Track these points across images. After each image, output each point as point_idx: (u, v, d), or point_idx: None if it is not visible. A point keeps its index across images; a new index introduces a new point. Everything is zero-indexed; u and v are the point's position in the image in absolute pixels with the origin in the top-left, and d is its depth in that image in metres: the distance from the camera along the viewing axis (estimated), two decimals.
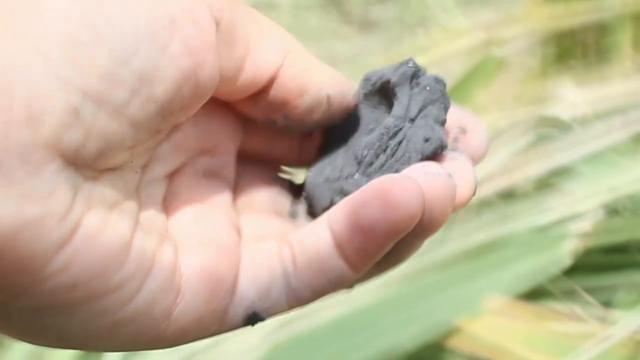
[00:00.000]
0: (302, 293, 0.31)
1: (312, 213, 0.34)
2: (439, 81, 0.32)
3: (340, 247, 0.30)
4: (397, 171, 0.31)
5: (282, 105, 0.31)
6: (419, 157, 0.31)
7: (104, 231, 0.26)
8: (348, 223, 0.29)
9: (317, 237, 0.30)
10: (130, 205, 0.28)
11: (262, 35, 0.29)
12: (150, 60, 0.25)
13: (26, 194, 0.24)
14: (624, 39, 0.84)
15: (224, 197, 0.32)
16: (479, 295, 0.70)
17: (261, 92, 0.30)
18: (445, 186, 0.29)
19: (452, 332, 0.68)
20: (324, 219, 0.31)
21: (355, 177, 0.32)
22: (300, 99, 0.31)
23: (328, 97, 0.31)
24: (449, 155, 0.32)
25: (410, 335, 0.68)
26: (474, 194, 0.31)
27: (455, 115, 0.33)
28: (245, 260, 0.31)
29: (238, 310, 0.30)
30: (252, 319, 0.31)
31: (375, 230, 0.28)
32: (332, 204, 0.32)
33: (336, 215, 0.30)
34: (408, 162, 0.31)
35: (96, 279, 0.26)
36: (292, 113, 0.31)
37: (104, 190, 0.26)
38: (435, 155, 0.32)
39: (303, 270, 0.31)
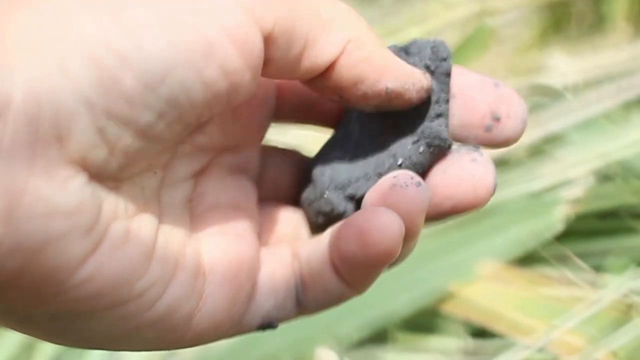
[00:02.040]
0: (309, 306, 0.32)
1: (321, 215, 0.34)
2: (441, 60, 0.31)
3: (337, 269, 0.31)
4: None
5: (337, 90, 0.29)
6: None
7: (127, 241, 0.26)
8: (336, 251, 0.30)
9: (319, 257, 0.31)
10: (152, 211, 0.28)
11: (323, 29, 0.28)
12: (181, 86, 0.25)
13: (53, 210, 0.24)
14: (616, 9, 0.85)
15: (249, 196, 0.33)
16: (472, 261, 0.70)
17: (318, 77, 0.29)
18: (413, 199, 0.29)
19: (446, 297, 0.69)
20: (326, 236, 0.31)
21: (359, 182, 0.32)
22: (354, 88, 0.29)
23: (387, 89, 0.30)
24: (470, 155, 0.31)
25: (406, 301, 0.69)
26: (493, 193, 0.31)
27: (489, 97, 0.32)
28: (264, 271, 0.31)
29: (254, 317, 0.31)
30: (266, 326, 0.32)
31: (357, 264, 0.29)
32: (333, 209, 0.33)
33: (331, 239, 0.31)
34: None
35: (119, 287, 0.26)
36: (347, 97, 0.30)
37: (126, 200, 0.27)
38: (437, 153, 0.31)
39: (309, 287, 0.31)
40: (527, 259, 0.71)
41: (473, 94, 0.32)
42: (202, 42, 0.25)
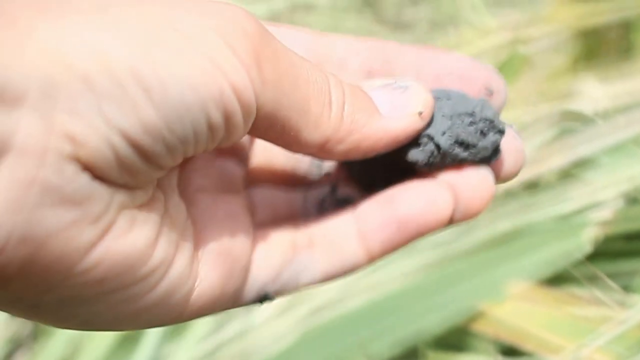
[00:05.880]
0: (314, 277, 0.33)
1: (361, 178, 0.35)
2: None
3: (364, 237, 0.32)
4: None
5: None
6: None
7: (133, 230, 0.26)
8: (382, 214, 0.32)
9: (341, 228, 0.32)
10: (159, 196, 0.29)
11: (307, 124, 0.29)
12: (192, 127, 0.26)
13: (62, 200, 0.24)
14: None
15: (237, 175, 0.34)
16: (503, 281, 0.72)
17: None
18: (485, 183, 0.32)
19: (476, 316, 0.70)
20: (348, 213, 0.33)
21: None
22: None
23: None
24: (511, 130, 0.33)
25: (437, 320, 0.70)
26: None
27: (481, 74, 0.34)
28: (259, 246, 0.32)
29: (250, 291, 0.32)
30: (262, 299, 0.32)
31: (409, 224, 0.31)
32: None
33: (369, 207, 0.32)
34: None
35: (123, 273, 0.26)
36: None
37: (135, 192, 0.27)
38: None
39: (319, 258, 0.32)
40: (556, 279, 0.72)
41: (468, 71, 0.34)
42: (217, 91, 0.26)
